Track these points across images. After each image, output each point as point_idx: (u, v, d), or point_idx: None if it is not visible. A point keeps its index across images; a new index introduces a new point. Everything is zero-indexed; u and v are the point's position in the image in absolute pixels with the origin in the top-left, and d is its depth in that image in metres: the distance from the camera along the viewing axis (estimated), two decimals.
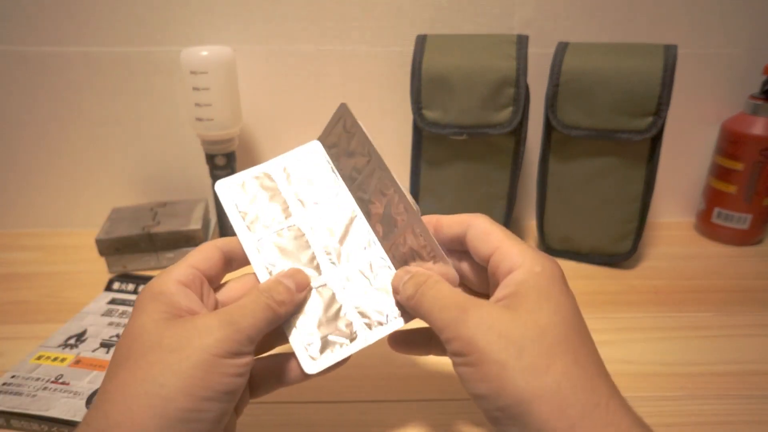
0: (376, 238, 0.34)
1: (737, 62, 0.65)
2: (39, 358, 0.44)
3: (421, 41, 0.58)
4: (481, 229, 0.30)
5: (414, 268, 0.32)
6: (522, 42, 0.56)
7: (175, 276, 0.29)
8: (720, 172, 0.65)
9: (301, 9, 0.62)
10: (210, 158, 0.62)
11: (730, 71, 0.65)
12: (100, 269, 0.61)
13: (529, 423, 0.23)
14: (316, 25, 0.63)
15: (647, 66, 0.53)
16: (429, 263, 0.31)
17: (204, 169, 0.64)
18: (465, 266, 0.33)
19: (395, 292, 0.32)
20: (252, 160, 0.69)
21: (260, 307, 0.28)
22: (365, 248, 0.34)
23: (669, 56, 0.53)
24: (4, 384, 0.40)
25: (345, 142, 0.36)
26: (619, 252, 0.61)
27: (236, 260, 0.33)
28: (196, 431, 0.25)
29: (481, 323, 0.26)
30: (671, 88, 0.53)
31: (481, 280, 0.32)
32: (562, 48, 0.56)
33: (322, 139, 0.38)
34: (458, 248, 0.32)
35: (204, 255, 0.31)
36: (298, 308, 0.31)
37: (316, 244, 0.34)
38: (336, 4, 0.62)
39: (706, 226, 0.68)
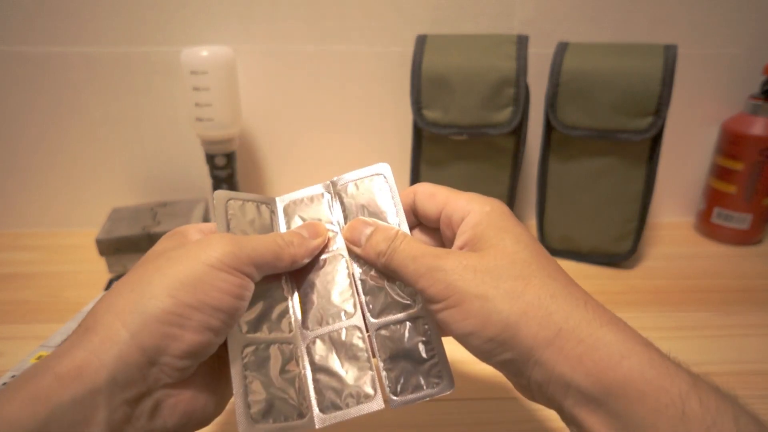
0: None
1: (737, 62, 0.65)
2: (39, 357, 0.44)
3: (421, 41, 0.58)
4: (426, 193, 0.32)
5: (371, 220, 0.32)
6: (522, 42, 0.56)
7: (193, 226, 0.31)
8: (720, 172, 0.65)
9: (301, 9, 0.62)
10: (210, 158, 0.62)
11: (730, 71, 0.65)
12: (100, 269, 0.61)
13: (520, 342, 0.24)
14: (316, 25, 0.63)
15: (647, 66, 0.53)
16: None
17: (204, 169, 0.64)
18: (417, 235, 0.34)
19: (355, 244, 0.32)
20: (252, 160, 0.69)
21: (269, 241, 0.29)
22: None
23: (669, 56, 0.53)
24: (4, 384, 0.40)
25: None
26: (620, 252, 0.61)
27: None
28: (172, 336, 0.24)
29: (456, 266, 0.27)
30: (671, 88, 0.53)
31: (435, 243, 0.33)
32: (562, 48, 0.56)
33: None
34: (409, 222, 0.33)
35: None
36: (308, 256, 0.31)
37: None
38: (336, 4, 0.62)
39: (706, 226, 0.68)
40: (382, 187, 0.33)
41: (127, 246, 0.60)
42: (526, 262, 0.26)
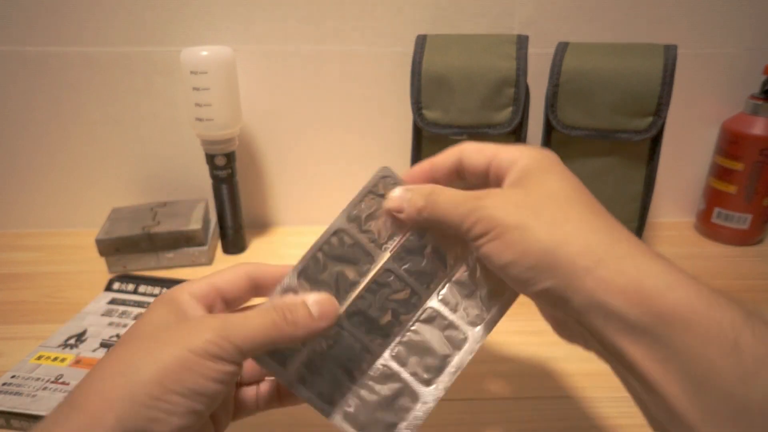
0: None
1: (737, 62, 0.65)
2: (39, 358, 0.44)
3: (421, 41, 0.58)
4: (474, 148, 0.32)
5: (412, 185, 0.31)
6: (522, 42, 0.56)
7: (190, 289, 0.30)
8: (720, 172, 0.65)
9: (301, 9, 0.62)
10: (210, 158, 0.62)
11: (730, 71, 0.65)
12: (100, 269, 0.61)
13: (558, 270, 0.25)
14: (316, 25, 0.63)
15: (647, 66, 0.53)
16: None
17: (204, 169, 0.64)
18: None
19: (398, 211, 0.31)
20: (252, 160, 0.69)
21: (265, 322, 0.27)
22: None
23: (669, 56, 0.53)
24: (4, 384, 0.40)
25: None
26: None
27: (264, 287, 0.32)
28: (157, 420, 0.24)
29: (497, 201, 0.27)
30: (671, 88, 0.53)
31: None
32: (562, 48, 0.56)
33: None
34: (454, 180, 0.33)
35: (229, 276, 0.31)
36: (308, 338, 0.29)
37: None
38: (336, 4, 0.62)
39: (706, 226, 0.68)
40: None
41: (127, 246, 0.60)
42: (568, 198, 0.27)
